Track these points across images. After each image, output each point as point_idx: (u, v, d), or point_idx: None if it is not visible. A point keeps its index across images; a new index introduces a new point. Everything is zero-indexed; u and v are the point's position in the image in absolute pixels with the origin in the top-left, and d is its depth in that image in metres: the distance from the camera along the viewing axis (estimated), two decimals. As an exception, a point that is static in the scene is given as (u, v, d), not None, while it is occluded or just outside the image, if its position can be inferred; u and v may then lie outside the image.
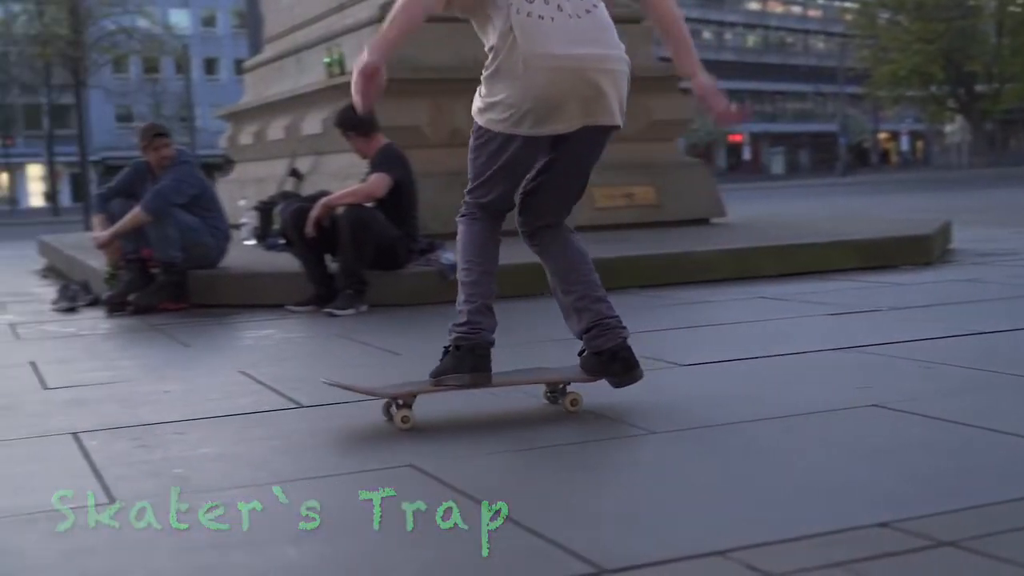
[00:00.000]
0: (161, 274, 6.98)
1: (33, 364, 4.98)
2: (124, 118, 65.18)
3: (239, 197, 10.49)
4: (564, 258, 3.63)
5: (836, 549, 2.09)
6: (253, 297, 6.98)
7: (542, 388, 3.67)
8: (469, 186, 3.62)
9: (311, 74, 10.48)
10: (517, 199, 3.63)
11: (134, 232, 6.99)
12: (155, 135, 7.12)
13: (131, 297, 6.91)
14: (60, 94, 43.07)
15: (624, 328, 3.56)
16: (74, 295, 7.56)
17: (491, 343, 3.52)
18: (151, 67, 62.55)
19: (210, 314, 6.72)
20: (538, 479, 2.77)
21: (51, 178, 47.77)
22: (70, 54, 34.40)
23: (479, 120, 3.50)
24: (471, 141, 3.58)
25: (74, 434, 3.42)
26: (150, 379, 4.54)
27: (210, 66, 67.69)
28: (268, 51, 12.36)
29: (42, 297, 8.53)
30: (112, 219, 7.09)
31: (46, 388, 4.35)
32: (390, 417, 3.42)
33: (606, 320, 3.53)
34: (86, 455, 3.14)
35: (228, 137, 13.10)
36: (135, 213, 6.89)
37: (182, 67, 55.94)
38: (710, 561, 2.07)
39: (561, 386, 3.59)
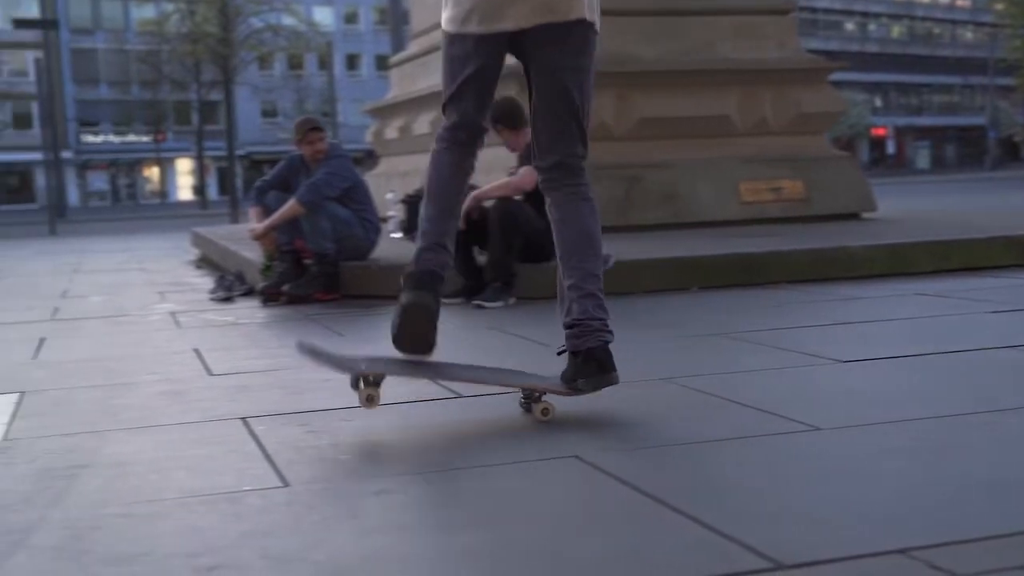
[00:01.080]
0: (314, 265, 7.14)
1: (197, 351, 5.14)
2: (269, 114, 66.88)
3: (386, 191, 10.65)
4: (570, 234, 3.43)
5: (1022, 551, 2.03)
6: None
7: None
8: (442, 107, 3.50)
9: (458, 69, 10.57)
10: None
11: (288, 224, 7.16)
12: (309, 129, 7.28)
13: (285, 287, 7.09)
14: (209, 90, 44.34)
15: (609, 332, 3.40)
16: (230, 285, 7.79)
17: (438, 276, 3.42)
18: (295, 64, 63.93)
19: (361, 304, 6.84)
20: (704, 473, 2.74)
21: (200, 172, 49.19)
22: (220, 51, 35.37)
23: (442, 26, 3.42)
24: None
25: (243, 419, 3.52)
26: (310, 367, 4.64)
27: (352, 62, 68.86)
28: (414, 47, 12.52)
29: (198, 287, 8.81)
30: (268, 211, 7.28)
31: (211, 374, 4.49)
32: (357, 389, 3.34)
33: (590, 321, 3.37)
34: (256, 439, 3.23)
35: (374, 132, 13.31)
36: (290, 205, 7.06)
37: (325, 63, 57.06)
38: (891, 559, 2.03)
39: (536, 394, 3.45)
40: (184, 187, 67.62)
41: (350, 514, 2.47)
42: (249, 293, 7.71)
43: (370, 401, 3.30)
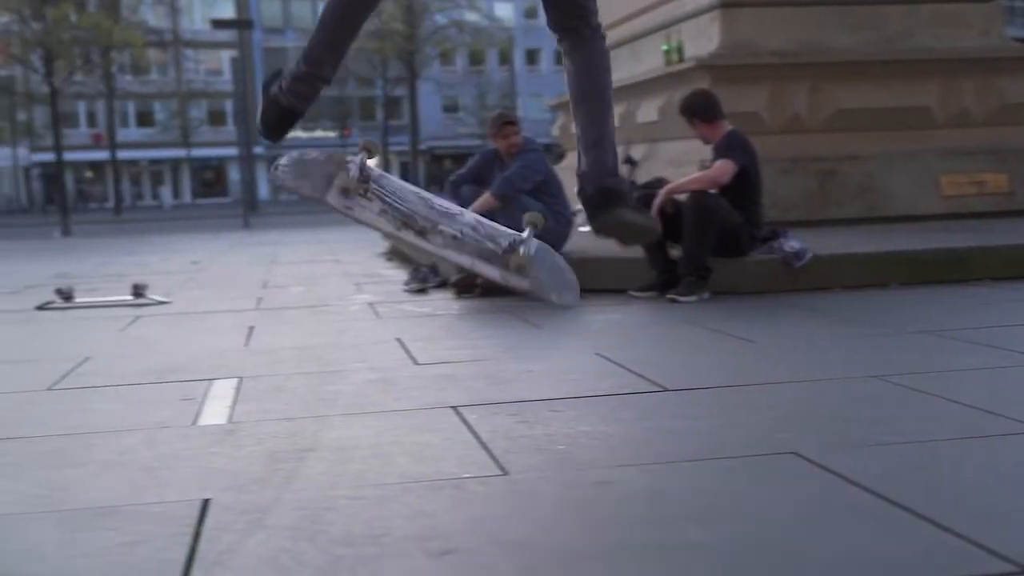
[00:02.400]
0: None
1: (399, 341, 5.25)
2: (450, 109, 67.83)
3: (575, 185, 10.68)
4: (579, 78, 3.27)
5: None
6: (594, 282, 7.05)
7: None
8: None
9: (646, 62, 10.52)
10: None
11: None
12: (504, 123, 7.35)
13: (479, 279, 7.17)
14: (394, 87, 45.27)
15: (611, 178, 3.23)
16: (424, 277, 7.93)
17: (301, 111, 3.25)
18: (477, 59, 64.68)
19: (554, 298, 6.87)
20: (933, 473, 2.66)
21: (385, 167, 50.24)
22: (405, 48, 36.09)
23: None
24: None
25: (454, 408, 3.58)
26: (511, 358, 4.69)
27: (532, 56, 69.25)
28: (602, 40, 12.51)
29: (391, 278, 9.01)
30: (463, 205, 7.38)
31: (417, 364, 4.58)
32: None
33: (595, 166, 3.25)
34: (470, 428, 3.28)
35: (560, 126, 13.36)
36: (485, 199, 7.15)
37: (506, 58, 57.60)
38: None
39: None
40: (369, 181, 69.06)
41: (574, 504, 2.49)
42: (442, 285, 7.83)
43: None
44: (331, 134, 64.79)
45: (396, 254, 11.90)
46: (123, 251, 16.32)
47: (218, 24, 28.85)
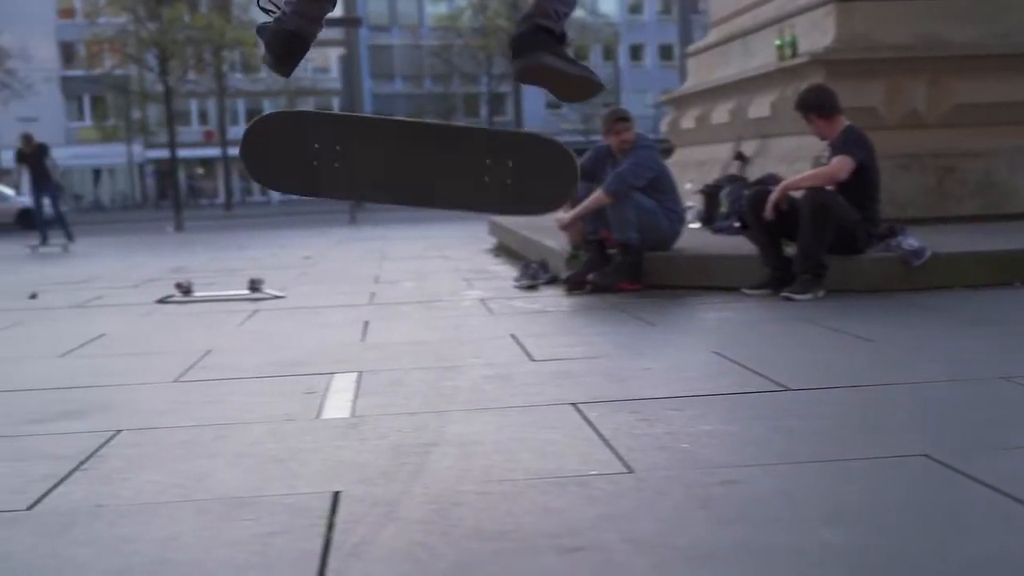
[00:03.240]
0: (619, 255, 7.19)
1: (514, 337, 5.28)
2: (553, 105, 67.70)
3: (684, 181, 10.61)
4: None
5: None
6: (706, 279, 7.04)
7: None
8: None
9: (759, 57, 10.41)
10: None
11: (594, 214, 7.24)
12: (616, 120, 7.34)
13: (590, 276, 7.17)
14: (498, 83, 45.42)
15: (547, 19, 2.84)
16: (535, 273, 7.96)
17: (311, 34, 3.02)
18: (580, 55, 64.55)
19: (665, 295, 6.85)
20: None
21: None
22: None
23: None
24: None
25: (573, 405, 3.59)
26: (627, 355, 4.69)
27: (636, 52, 68.89)
28: (712, 35, 12.41)
29: (501, 275, 9.05)
30: (574, 201, 7.38)
31: (533, 360, 4.60)
32: None
33: (527, 12, 2.91)
34: (591, 425, 3.28)
35: (669, 121, 13.29)
36: (597, 195, 7.14)
37: (610, 54, 57.41)
38: None
39: None
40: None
41: (701, 503, 2.48)
42: (553, 281, 7.85)
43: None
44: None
45: (503, 250, 11.96)
46: (235, 246, 16.66)
47: (328, 23, 29.22)
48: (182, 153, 44.07)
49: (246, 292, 7.99)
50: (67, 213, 19.28)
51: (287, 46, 3.00)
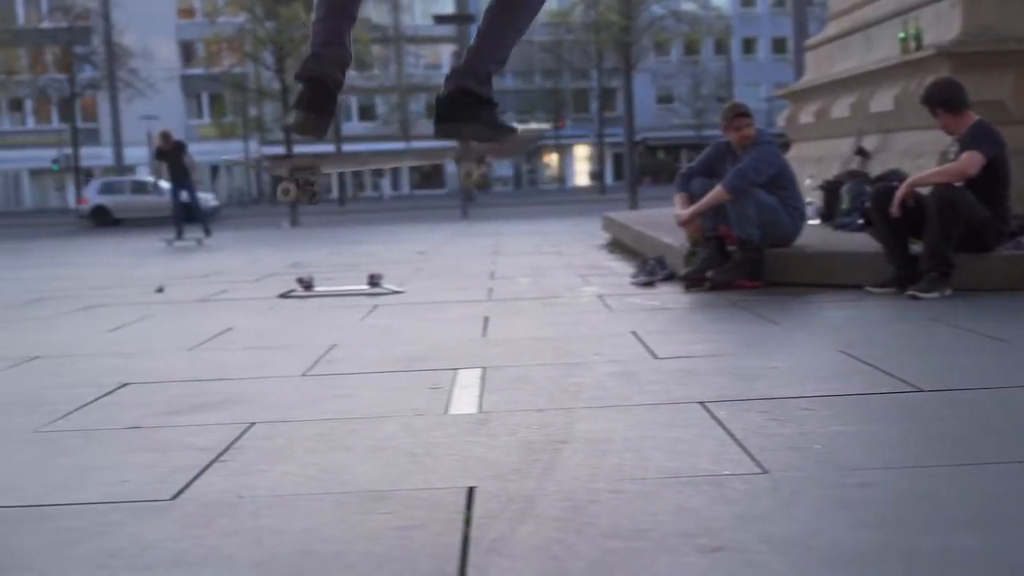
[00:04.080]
0: (738, 252, 7.12)
1: (635, 334, 5.26)
2: (664, 100, 67.43)
3: (802, 176, 10.45)
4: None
5: None
6: (827, 277, 6.93)
7: None
8: None
9: (881, 50, 10.20)
10: None
11: (713, 210, 7.18)
12: (736, 115, 7.26)
13: (709, 274, 7.12)
14: (609, 78, 45.30)
15: (471, 79, 2.91)
16: (652, 270, 7.92)
17: (337, 79, 2.93)
18: (692, 49, 64.02)
19: (786, 292, 6.76)
20: None
21: (599, 158, 50.45)
22: (621, 39, 36.05)
23: None
24: None
25: (701, 403, 3.57)
26: (752, 354, 4.64)
27: (748, 46, 68.10)
28: (832, 28, 12.20)
29: (616, 271, 9.03)
30: (692, 198, 7.34)
31: (656, 358, 4.58)
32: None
33: (457, 67, 2.96)
34: (721, 424, 3.26)
35: (786, 116, 13.10)
36: (716, 192, 7.08)
37: (722, 47, 56.84)
38: None
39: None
40: (581, 173, 69.54)
41: (839, 505, 2.44)
42: (670, 278, 7.81)
43: (286, 194, 3.22)
44: (545, 126, 65.32)
45: (617, 246, 11.94)
46: (349, 241, 16.89)
47: (440, 20, 29.48)
48: (297, 150, 44.79)
49: (366, 287, 8.10)
50: (219, 207, 19.87)
51: (322, 94, 2.91)
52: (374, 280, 8.09)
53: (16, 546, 2.39)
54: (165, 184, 32.92)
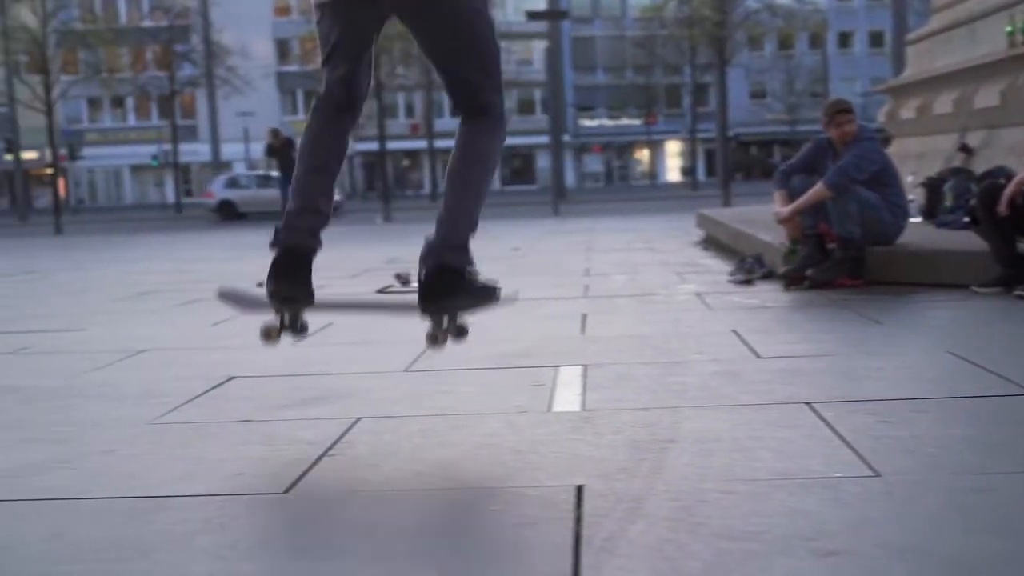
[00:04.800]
0: (839, 250, 7.03)
1: (736, 333, 5.23)
2: (757, 95, 66.76)
3: (903, 173, 10.29)
4: (460, 158, 3.14)
5: None
6: (931, 275, 6.81)
7: None
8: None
9: (986, 44, 9.99)
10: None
11: (813, 208, 7.10)
12: (838, 111, 7.16)
13: (808, 272, 7.03)
14: (702, 73, 44.97)
15: (450, 253, 3.07)
16: (750, 268, 7.85)
17: (309, 247, 3.14)
18: (786, 43, 63.29)
19: (888, 291, 6.65)
20: None
21: (691, 154, 50.10)
22: (715, 34, 35.76)
23: None
24: None
25: (807, 404, 3.53)
26: (857, 354, 4.57)
27: (844, 40, 67.10)
28: (935, 22, 11.97)
29: (713, 268, 8.97)
30: (792, 195, 7.25)
31: (759, 357, 4.54)
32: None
33: (435, 241, 3.11)
34: (828, 425, 3.22)
35: (887, 112, 12.90)
36: (817, 189, 6.99)
37: (817, 42, 56.04)
38: None
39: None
40: (672, 168, 69.16)
41: (956, 510, 2.41)
42: (768, 276, 7.73)
43: (269, 336, 3.31)
44: (636, 121, 65.13)
45: (712, 243, 11.85)
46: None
47: (533, 16, 29.51)
48: (389, 145, 45.22)
49: (462, 283, 8.13)
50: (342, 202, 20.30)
51: (296, 263, 3.13)
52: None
53: (135, 537, 2.45)
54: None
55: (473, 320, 3.35)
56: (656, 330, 5.50)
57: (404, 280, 8.15)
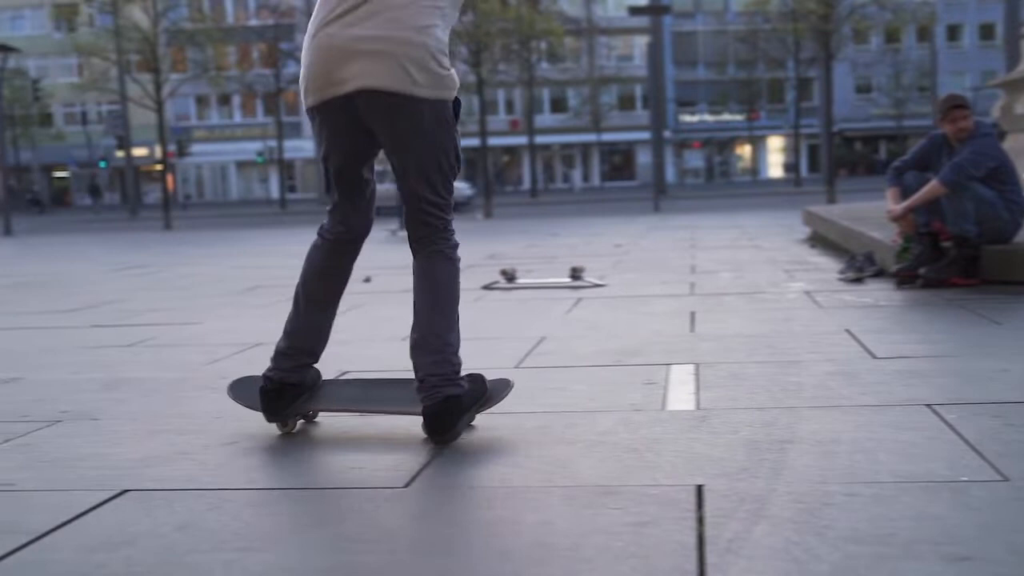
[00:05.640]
0: (953, 248, 6.88)
1: (849, 332, 5.15)
2: (863, 89, 65.63)
3: (1022, 170, 10.03)
4: (422, 290, 3.31)
5: None
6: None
7: None
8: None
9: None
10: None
11: (927, 205, 6.96)
12: (953, 107, 7.00)
13: (921, 270, 6.90)
14: (806, 68, 44.33)
15: (448, 385, 3.22)
16: (860, 266, 7.73)
17: (291, 383, 3.44)
18: (892, 37, 62.11)
19: (1005, 291, 6.50)
20: None
21: (794, 150, 49.43)
22: (821, 28, 35.21)
23: None
24: None
25: (928, 406, 3.47)
26: (978, 355, 4.47)
27: (953, 33, 65.59)
28: (1052, 14, 11.62)
29: (820, 266, 8.85)
30: (905, 192, 7.12)
31: (875, 357, 4.46)
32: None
33: (428, 378, 3.23)
34: (952, 428, 3.16)
35: (1001, 106, 12.57)
36: (931, 186, 6.85)
37: (926, 35, 54.82)
38: None
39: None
40: (774, 164, 68.31)
41: (1093, 518, 2.34)
42: (879, 274, 7.60)
43: (284, 426, 3.52)
44: (737, 117, 64.46)
45: (819, 240, 11.68)
46: (545, 233, 17.02)
47: (635, 11, 29.37)
48: (489, 142, 45.39)
49: (568, 280, 8.15)
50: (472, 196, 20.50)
51: (277, 395, 3.43)
52: (576, 273, 8.13)
53: (259, 527, 2.50)
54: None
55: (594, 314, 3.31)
56: (767, 329, 5.44)
57: (510, 277, 8.18)
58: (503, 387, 3.46)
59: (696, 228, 16.78)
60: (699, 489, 2.64)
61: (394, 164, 3.28)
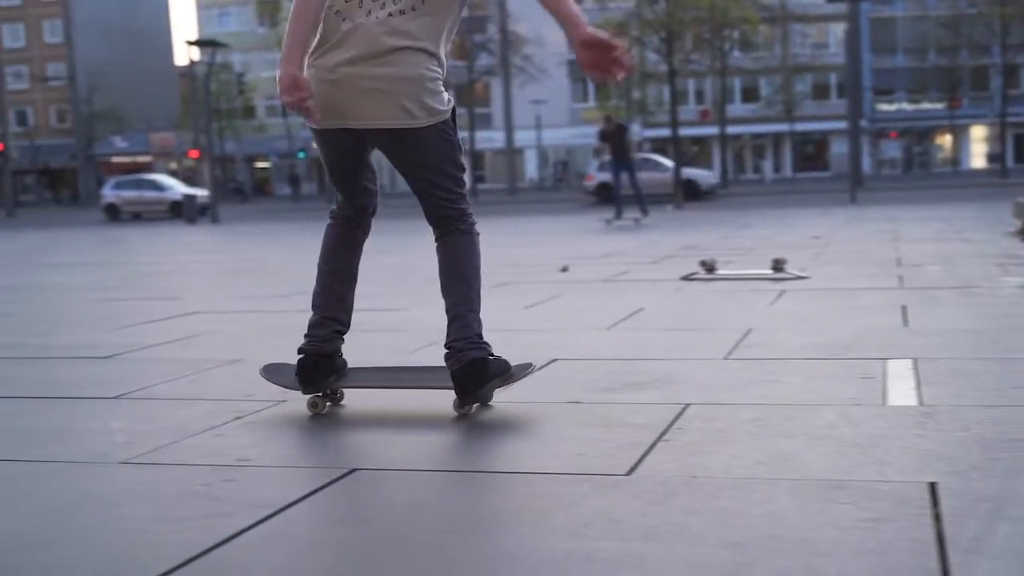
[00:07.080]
0: None
1: (1076, 329, 4.92)
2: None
3: None
4: (444, 265, 3.61)
5: None
6: None
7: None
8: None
9: None
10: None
11: None
12: None
13: None
14: (1013, 54, 42.44)
15: (473, 349, 3.50)
16: (1082, 260, 7.37)
17: (324, 353, 3.68)
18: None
19: None
20: None
21: (999, 139, 47.41)
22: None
23: None
24: None
25: None
26: None
27: None
28: None
29: (1037, 260, 8.47)
30: None
31: (1107, 356, 4.26)
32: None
33: (454, 343, 3.53)
34: None
35: None
36: None
37: None
38: None
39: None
40: (977, 155, 65.67)
41: None
42: (1103, 270, 7.24)
43: (314, 407, 3.73)
44: (938, 105, 62.20)
45: (1033, 234, 11.19)
46: (738, 224, 16.80)
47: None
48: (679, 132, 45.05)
49: (769, 272, 8.03)
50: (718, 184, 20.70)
51: (313, 366, 3.68)
52: (778, 264, 8.01)
53: (490, 508, 2.55)
54: (667, 161, 34.65)
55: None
56: (986, 324, 5.24)
57: (709, 268, 8.11)
58: (524, 368, 3.69)
59: (896, 220, 16.29)
60: (932, 487, 2.57)
61: (404, 173, 3.58)
